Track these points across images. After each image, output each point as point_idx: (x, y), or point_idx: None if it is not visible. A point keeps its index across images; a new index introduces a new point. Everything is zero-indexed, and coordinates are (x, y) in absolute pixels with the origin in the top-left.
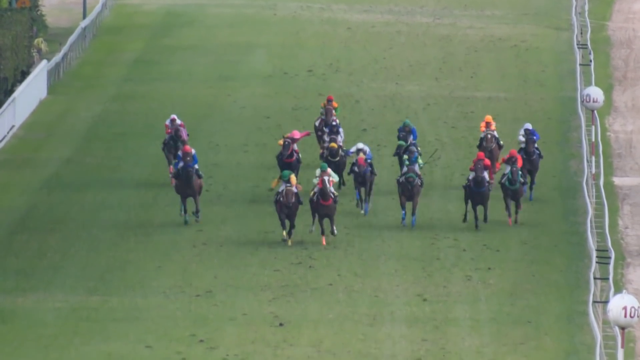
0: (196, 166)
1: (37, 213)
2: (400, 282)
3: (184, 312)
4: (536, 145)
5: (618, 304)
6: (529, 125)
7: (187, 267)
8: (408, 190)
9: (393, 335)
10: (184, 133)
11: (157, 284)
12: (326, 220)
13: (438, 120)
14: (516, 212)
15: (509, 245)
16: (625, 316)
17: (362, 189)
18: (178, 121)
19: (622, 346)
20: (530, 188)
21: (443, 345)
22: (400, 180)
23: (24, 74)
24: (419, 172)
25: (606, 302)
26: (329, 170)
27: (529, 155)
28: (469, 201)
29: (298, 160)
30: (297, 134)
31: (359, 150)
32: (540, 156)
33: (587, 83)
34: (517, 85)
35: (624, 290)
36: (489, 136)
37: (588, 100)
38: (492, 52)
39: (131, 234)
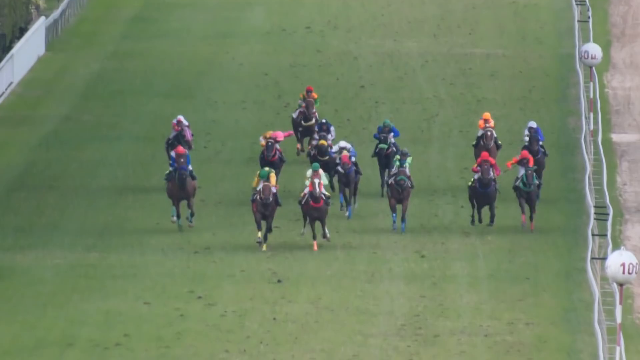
0: (190, 167)
1: (35, 170)
2: (398, 239)
3: (182, 269)
4: (540, 143)
5: (616, 261)
6: (533, 124)
7: (185, 224)
8: (398, 193)
9: (391, 292)
10: (188, 133)
11: (156, 242)
12: (318, 224)
13: (436, 78)
14: (531, 218)
15: (507, 202)
16: (624, 273)
17: (347, 190)
18: (185, 122)
19: (621, 303)
20: (538, 186)
21: (441, 301)
22: (390, 182)
23: (22, 31)
24: (409, 174)
25: (604, 258)
26: (321, 171)
27: (533, 154)
28: (475, 202)
29: (281, 159)
30: (280, 135)
31: (341, 149)
32: (545, 154)
33: (585, 40)
34: (516, 42)
35: (622, 247)
36: (489, 133)
37: (586, 57)
38: (490, 9)
39: (129, 191)
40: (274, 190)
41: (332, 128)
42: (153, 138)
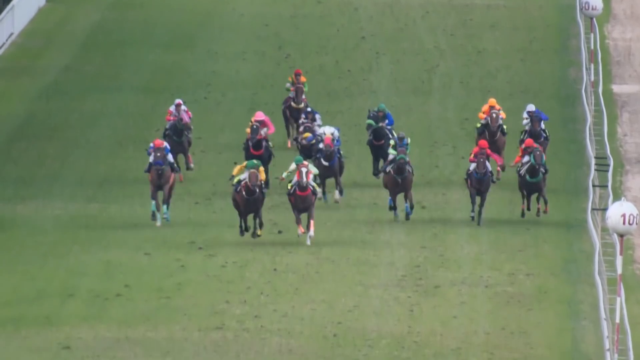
0: (170, 158)
1: (36, 121)
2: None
3: (183, 219)
4: (543, 126)
5: (617, 212)
6: (532, 107)
7: (186, 174)
8: (397, 184)
9: (392, 242)
10: (186, 116)
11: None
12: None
13: (437, 29)
14: (545, 205)
15: (508, 153)
16: (624, 223)
17: (332, 180)
18: (183, 107)
19: (621, 253)
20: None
21: (442, 252)
22: (388, 169)
23: None
24: (408, 159)
25: (605, 209)
26: (307, 162)
27: (535, 137)
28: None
29: (269, 153)
30: (270, 124)
31: (325, 133)
32: (547, 139)
33: None
34: None
35: (623, 198)
36: (494, 115)
37: (587, 7)
38: None
39: (130, 142)
40: (259, 182)
41: (317, 116)
42: (153, 89)
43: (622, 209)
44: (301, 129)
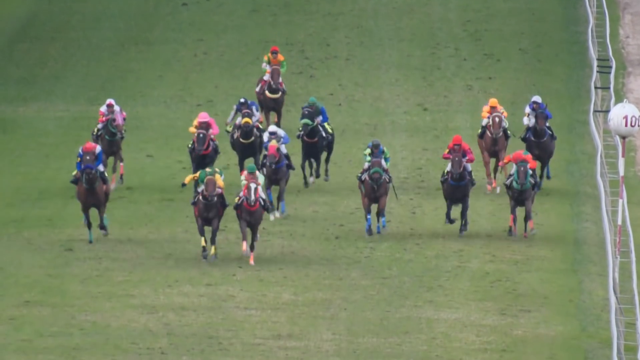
0: (101, 167)
1: (38, 22)
2: (401, 92)
3: (185, 121)
4: (547, 124)
5: (619, 113)
6: (538, 98)
7: (188, 76)
8: (373, 190)
9: (394, 144)
10: (119, 117)
11: (158, 93)
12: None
13: None
14: (525, 221)
15: (510, 54)
16: (626, 125)
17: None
18: (116, 107)
19: (623, 155)
20: (540, 176)
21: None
22: (363, 178)
23: None
24: (385, 166)
25: (607, 111)
26: (257, 173)
27: (539, 136)
28: (447, 198)
29: (215, 151)
30: (215, 126)
31: (271, 136)
32: (553, 137)
33: None
34: None
35: (625, 100)
36: (497, 119)
37: None
38: None
39: (132, 43)
40: (219, 190)
41: (254, 107)
42: None
43: (624, 111)
44: (239, 118)
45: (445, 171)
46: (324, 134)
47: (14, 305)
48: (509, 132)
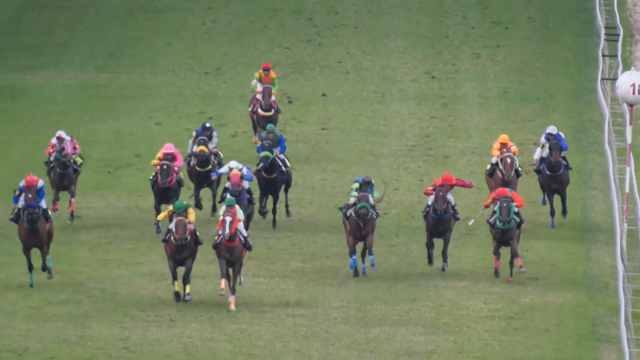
0: (43, 204)
1: None
2: (409, 60)
3: (193, 89)
4: (562, 154)
5: (626, 81)
6: (553, 129)
7: (196, 44)
8: (359, 228)
9: (402, 112)
10: (69, 147)
11: (166, 61)
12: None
13: None
14: (511, 263)
15: (518, 22)
16: (634, 93)
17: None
18: (67, 137)
19: (631, 123)
20: (564, 212)
21: (451, 122)
22: (349, 214)
23: None
24: (372, 202)
25: (615, 79)
26: (236, 207)
27: (554, 170)
28: (428, 232)
29: (179, 184)
30: (179, 158)
31: (231, 170)
32: (568, 167)
33: None
34: None
35: (633, 68)
36: (509, 160)
37: None
38: None
39: (140, 11)
40: (191, 227)
41: (214, 133)
42: None
43: (632, 79)
44: (191, 142)
45: (428, 204)
46: (283, 169)
47: (23, 272)
48: (520, 169)
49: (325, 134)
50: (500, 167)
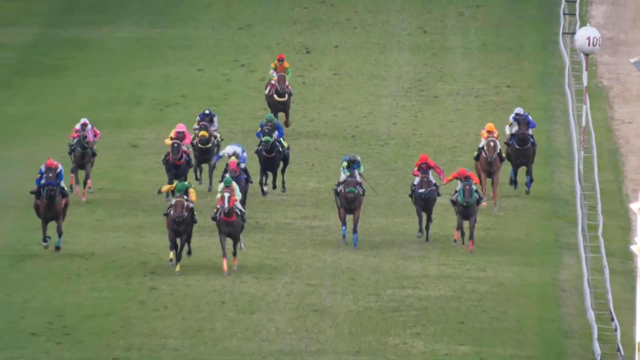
0: (62, 183)
1: None
2: (405, 17)
3: (229, 41)
4: (530, 131)
5: (583, 35)
6: (520, 110)
7: (230, 4)
8: (348, 203)
9: (399, 60)
10: (90, 135)
11: (206, 18)
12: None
13: None
14: (471, 236)
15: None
16: (589, 45)
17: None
18: (89, 126)
19: (586, 69)
20: (529, 182)
21: (440, 68)
22: (339, 190)
23: None
24: (359, 180)
25: (573, 33)
26: (234, 184)
27: (522, 143)
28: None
29: (188, 163)
30: (189, 137)
31: (230, 157)
32: (534, 144)
33: None
34: None
35: (588, 24)
36: (492, 144)
37: None
38: None
39: None
40: (190, 205)
41: (215, 118)
42: None
43: (588, 33)
44: (195, 126)
45: (413, 183)
46: (280, 149)
47: (90, 192)
48: (503, 155)
49: (337, 78)
50: (485, 150)
